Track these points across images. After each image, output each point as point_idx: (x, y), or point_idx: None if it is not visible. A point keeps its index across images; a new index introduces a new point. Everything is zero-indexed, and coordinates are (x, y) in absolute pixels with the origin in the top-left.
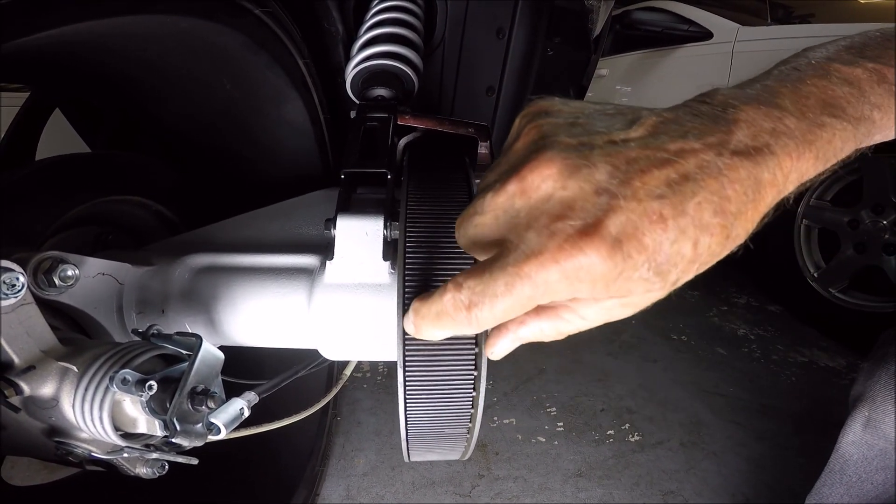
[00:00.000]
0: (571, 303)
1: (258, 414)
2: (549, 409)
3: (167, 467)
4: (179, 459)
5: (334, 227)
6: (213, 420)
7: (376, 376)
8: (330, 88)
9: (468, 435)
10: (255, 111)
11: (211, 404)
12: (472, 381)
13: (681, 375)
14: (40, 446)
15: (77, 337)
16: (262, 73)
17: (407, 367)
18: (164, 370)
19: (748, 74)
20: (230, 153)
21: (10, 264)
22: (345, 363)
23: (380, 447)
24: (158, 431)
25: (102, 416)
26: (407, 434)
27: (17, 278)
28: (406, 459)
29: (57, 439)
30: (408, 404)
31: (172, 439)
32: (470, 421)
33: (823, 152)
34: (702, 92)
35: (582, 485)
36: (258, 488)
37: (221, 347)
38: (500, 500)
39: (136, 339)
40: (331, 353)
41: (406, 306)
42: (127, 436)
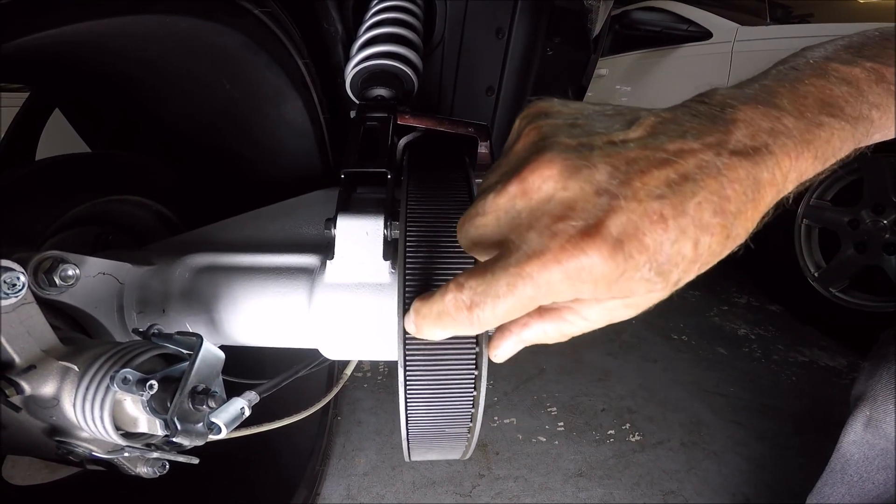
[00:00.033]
0: (574, 304)
1: (259, 413)
2: (549, 409)
3: (168, 467)
4: (180, 459)
5: (334, 227)
6: (213, 419)
7: (377, 376)
8: (330, 88)
9: (469, 434)
10: (255, 111)
11: (212, 404)
12: (473, 380)
13: (681, 375)
14: (41, 445)
15: (78, 336)
16: (261, 73)
17: (407, 367)
18: (164, 369)
19: (747, 74)
20: (230, 153)
21: (11, 264)
22: (345, 363)
23: (380, 447)
24: (159, 431)
25: (103, 416)
26: (407, 433)
27: (18, 278)
28: (406, 459)
29: (58, 438)
30: (408, 404)
31: (173, 439)
32: (471, 420)
33: (822, 152)
34: (700, 92)
35: (582, 485)
36: (259, 488)
37: (222, 347)
38: (500, 499)
39: (137, 338)
40: (331, 353)
41: (407, 306)
42: (128, 435)
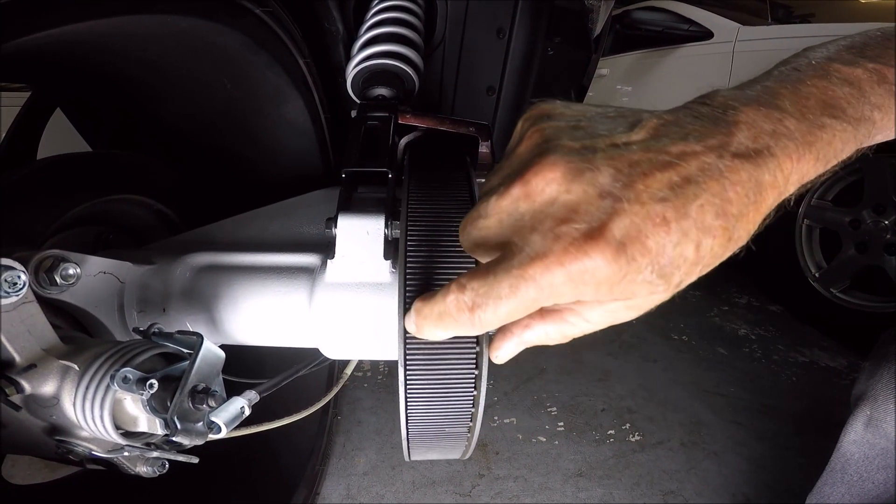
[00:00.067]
0: (576, 306)
1: (259, 413)
2: (549, 409)
3: (168, 466)
4: (180, 458)
5: (335, 226)
6: (213, 419)
7: (377, 375)
8: (330, 88)
9: (469, 434)
10: (256, 111)
11: (212, 403)
12: (473, 380)
13: (681, 375)
14: (41, 445)
15: (78, 335)
16: (262, 73)
17: (408, 367)
18: (165, 369)
19: (749, 74)
20: (231, 153)
21: (12, 263)
22: (345, 362)
23: (380, 446)
24: (159, 430)
25: (103, 415)
26: (407, 433)
27: (19, 276)
28: (406, 458)
29: (58, 438)
30: (408, 403)
31: (173, 438)
32: (471, 420)
33: (824, 153)
34: (702, 93)
35: (582, 484)
36: (259, 487)
37: (222, 346)
38: (500, 499)
39: (137, 337)
40: (331, 352)
41: (407, 305)
42: (127, 434)
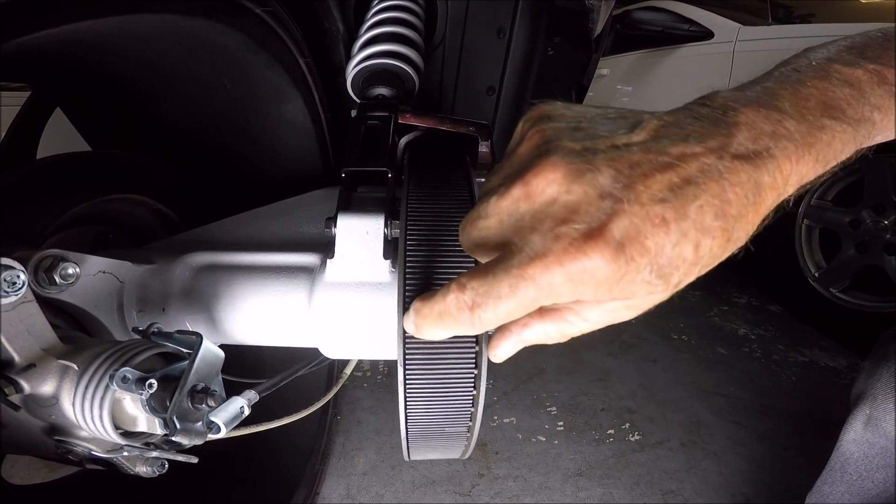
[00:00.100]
0: (575, 305)
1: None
2: (549, 409)
3: (167, 466)
4: (179, 458)
5: (335, 226)
6: (213, 418)
7: (376, 375)
8: (330, 87)
9: (468, 434)
10: (256, 110)
11: (211, 403)
12: (473, 379)
13: (681, 375)
14: (40, 445)
15: (77, 335)
16: (262, 73)
17: (407, 366)
18: (164, 368)
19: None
20: (230, 153)
21: (11, 262)
22: (345, 362)
23: (380, 446)
24: (158, 430)
25: (102, 415)
26: (407, 433)
27: (18, 276)
28: (406, 458)
29: (57, 438)
30: (408, 403)
31: (172, 438)
32: (470, 420)
33: (823, 155)
34: (702, 93)
35: (582, 484)
36: (258, 487)
37: (222, 346)
38: (500, 499)
39: (137, 337)
40: (331, 352)
41: (407, 305)
42: (127, 434)
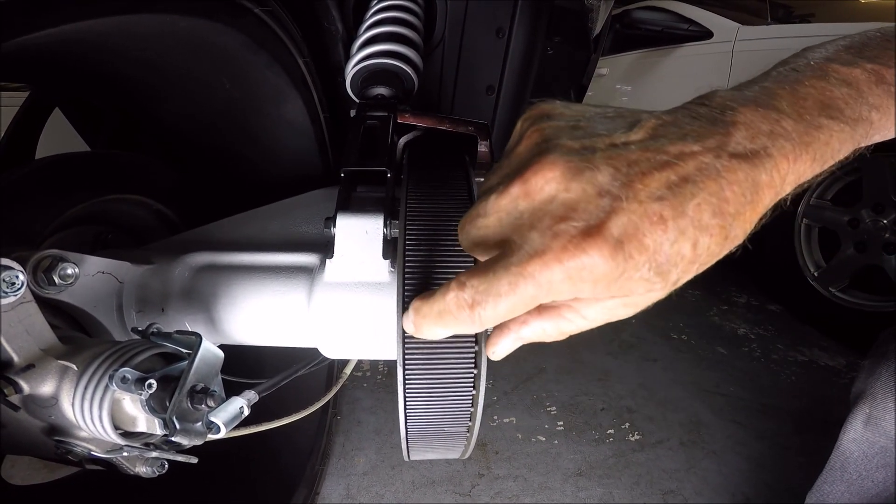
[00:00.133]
0: (573, 302)
1: (258, 413)
2: (549, 409)
3: (167, 466)
4: (179, 458)
5: (334, 226)
6: (212, 419)
7: (376, 375)
8: (330, 87)
9: (468, 434)
10: (255, 110)
11: (211, 403)
12: (472, 379)
13: (681, 375)
14: (40, 445)
15: (77, 335)
16: (261, 73)
17: (407, 366)
18: (163, 368)
19: (748, 74)
20: (230, 152)
21: (10, 262)
22: (345, 362)
23: (380, 446)
24: (158, 430)
25: (102, 415)
26: (407, 433)
27: (17, 276)
28: (406, 458)
29: (57, 438)
30: (407, 403)
31: (172, 438)
32: (470, 420)
33: (821, 154)
34: (701, 93)
35: (582, 484)
36: (258, 487)
37: (221, 346)
38: (499, 499)
39: (136, 337)
40: (330, 352)
41: (406, 305)
42: (126, 434)
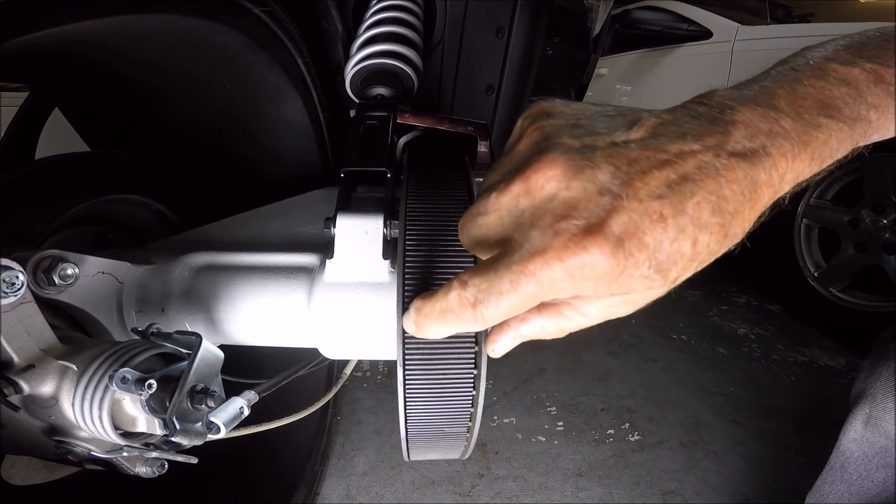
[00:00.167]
0: (573, 300)
1: (258, 413)
2: (548, 409)
3: (167, 466)
4: (179, 458)
5: (334, 226)
6: (212, 419)
7: (376, 375)
8: (329, 87)
9: (468, 434)
10: (255, 110)
11: (211, 403)
12: (472, 379)
13: (681, 375)
14: (40, 445)
15: (77, 335)
16: (261, 73)
17: (407, 366)
18: (163, 369)
19: (747, 74)
20: (230, 153)
21: (10, 263)
22: (345, 362)
23: (380, 446)
24: (158, 430)
25: (102, 415)
26: (406, 433)
27: (17, 277)
28: (406, 458)
29: (56, 438)
30: (407, 403)
31: (172, 438)
32: (470, 420)
33: (819, 153)
34: (700, 92)
35: (582, 484)
36: (258, 487)
37: (221, 346)
38: (499, 499)
39: (136, 337)
40: (330, 352)
41: (406, 305)
42: (126, 434)
